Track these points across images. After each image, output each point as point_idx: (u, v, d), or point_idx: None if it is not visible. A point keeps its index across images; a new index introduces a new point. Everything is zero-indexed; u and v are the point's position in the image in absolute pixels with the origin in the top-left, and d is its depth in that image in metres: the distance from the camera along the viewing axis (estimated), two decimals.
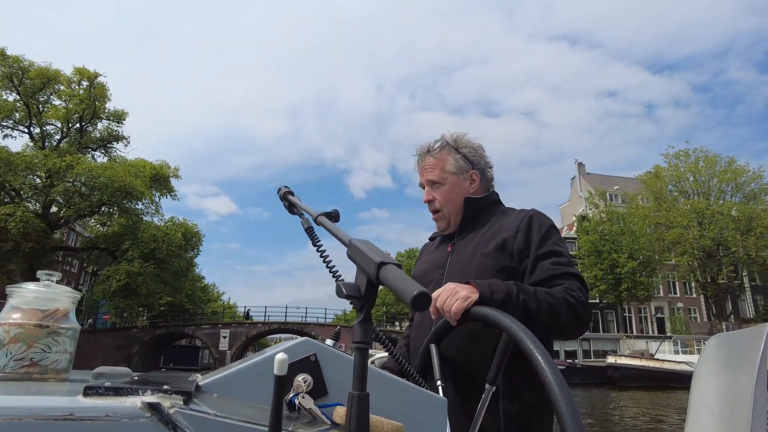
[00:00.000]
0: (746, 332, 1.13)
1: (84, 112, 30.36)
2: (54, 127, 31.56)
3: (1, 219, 23.83)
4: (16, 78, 28.32)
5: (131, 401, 0.61)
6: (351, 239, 0.70)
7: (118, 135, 31.52)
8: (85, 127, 31.61)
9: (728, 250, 36.22)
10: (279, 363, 0.57)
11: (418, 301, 0.53)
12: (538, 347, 0.80)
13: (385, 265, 0.59)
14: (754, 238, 34.70)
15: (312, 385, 0.78)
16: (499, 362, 1.06)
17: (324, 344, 0.84)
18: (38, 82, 29.00)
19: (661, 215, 37.73)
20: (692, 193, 39.31)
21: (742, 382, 1.03)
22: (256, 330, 32.87)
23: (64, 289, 0.90)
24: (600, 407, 19.31)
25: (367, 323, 0.60)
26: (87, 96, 30.54)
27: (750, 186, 37.80)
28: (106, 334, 30.93)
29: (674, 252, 37.65)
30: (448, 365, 1.33)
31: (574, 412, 0.67)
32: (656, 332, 43.10)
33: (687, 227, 35.94)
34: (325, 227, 0.91)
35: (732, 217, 35.38)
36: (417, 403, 0.89)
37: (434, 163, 1.59)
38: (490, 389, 1.07)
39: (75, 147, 30.45)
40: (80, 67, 30.49)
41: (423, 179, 1.62)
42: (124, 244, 27.28)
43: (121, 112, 31.75)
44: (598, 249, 37.18)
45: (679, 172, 39.73)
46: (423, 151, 1.63)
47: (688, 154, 39.91)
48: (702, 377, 1.24)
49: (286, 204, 1.13)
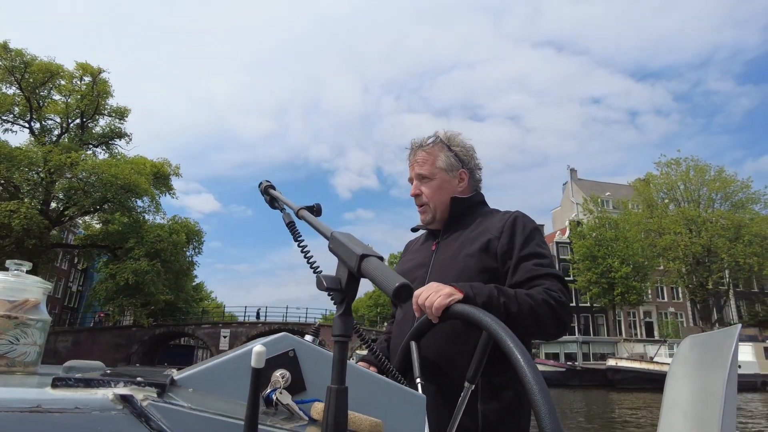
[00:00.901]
0: (718, 333, 1.14)
1: (86, 108, 30.03)
2: (53, 122, 31.19)
3: (5, 215, 23.47)
4: (18, 72, 27.90)
5: (102, 393, 0.59)
6: (333, 232, 0.70)
7: (120, 132, 31.21)
8: (87, 123, 31.27)
9: (717, 256, 37.32)
10: (257, 355, 0.57)
11: (400, 293, 0.53)
12: (517, 346, 0.81)
13: (367, 257, 0.59)
14: (743, 245, 35.84)
15: (290, 380, 0.78)
16: (478, 360, 1.06)
17: (303, 340, 0.84)
18: (40, 76, 28.60)
19: (653, 222, 38.71)
20: (682, 200, 40.43)
21: (714, 381, 1.05)
22: (257, 330, 32.82)
23: (34, 280, 0.86)
24: (601, 408, 19.84)
25: (347, 316, 0.61)
26: (89, 91, 30.20)
27: (738, 195, 39.05)
28: (105, 332, 30.59)
29: (665, 258, 38.64)
30: (428, 363, 1.34)
31: (551, 411, 0.68)
32: (644, 336, 44.14)
33: (679, 234, 36.94)
34: (306, 221, 0.90)
35: (721, 224, 36.48)
36: (396, 399, 0.89)
37: (425, 158, 1.59)
38: (469, 387, 1.07)
39: (76, 143, 30.11)
40: (83, 63, 30.16)
41: (413, 173, 1.61)
42: (128, 242, 27.04)
43: (123, 109, 31.44)
44: (592, 254, 37.99)
45: (670, 179, 40.80)
46: (416, 145, 1.63)
47: (679, 163, 41.03)
48: (675, 377, 1.25)
49: (267, 198, 1.11)
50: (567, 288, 1.35)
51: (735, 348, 1.02)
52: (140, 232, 27.81)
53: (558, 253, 48.54)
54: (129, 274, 25.36)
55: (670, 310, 46.42)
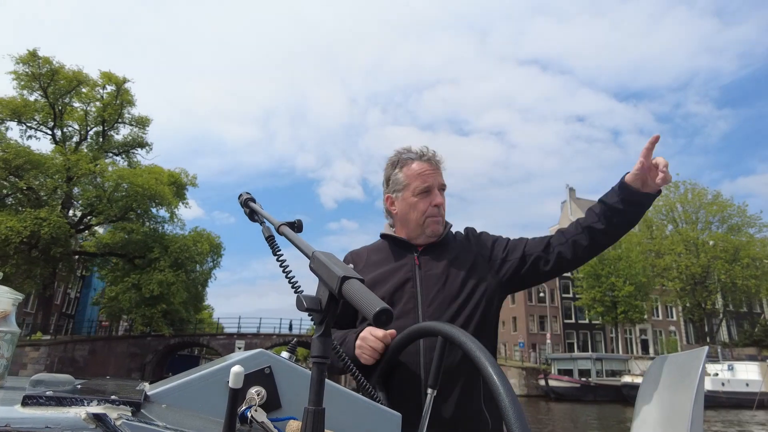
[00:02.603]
0: (687, 354, 1.17)
1: (108, 116, 30.13)
2: (72, 129, 31.19)
3: (35, 223, 23.46)
4: (45, 79, 27.97)
5: (75, 412, 0.57)
6: (314, 251, 0.70)
7: (142, 141, 31.34)
8: (107, 131, 31.34)
9: (715, 277, 38.75)
10: (234, 376, 0.57)
11: (380, 317, 0.54)
12: (479, 348, 0.81)
13: (348, 279, 0.60)
14: (740, 267, 37.33)
15: (265, 398, 0.77)
16: (436, 366, 1.06)
17: (279, 357, 0.84)
18: (66, 84, 28.70)
19: (654, 242, 40.05)
20: (680, 221, 41.97)
21: (682, 401, 1.07)
22: (271, 341, 32.94)
23: (4, 290, 0.84)
24: (616, 421, 20.65)
25: (326, 338, 0.61)
26: (111, 100, 30.34)
27: (734, 218, 40.71)
28: (120, 341, 30.41)
29: (666, 277, 39.94)
30: (397, 373, 1.34)
31: (517, 411, 0.68)
32: (640, 353, 45.34)
33: (680, 254, 38.29)
34: (287, 238, 0.88)
35: (720, 246, 37.95)
36: (371, 418, 0.89)
37: (441, 172, 1.58)
38: (432, 393, 1.07)
39: (95, 150, 30.16)
40: (107, 72, 30.32)
41: (436, 181, 1.55)
42: (152, 252, 27.10)
43: (145, 119, 31.60)
44: (596, 272, 39.09)
45: (669, 201, 42.34)
46: (436, 157, 1.59)
47: (677, 186, 42.65)
48: (645, 396, 1.27)
49: (246, 211, 1.09)
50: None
51: (702, 369, 1.04)
52: (163, 242, 27.88)
53: None
54: (155, 285, 25.43)
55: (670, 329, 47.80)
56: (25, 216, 23.60)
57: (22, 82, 28.22)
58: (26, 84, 28.35)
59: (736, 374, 27.36)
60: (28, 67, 27.81)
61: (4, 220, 22.79)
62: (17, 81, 28.13)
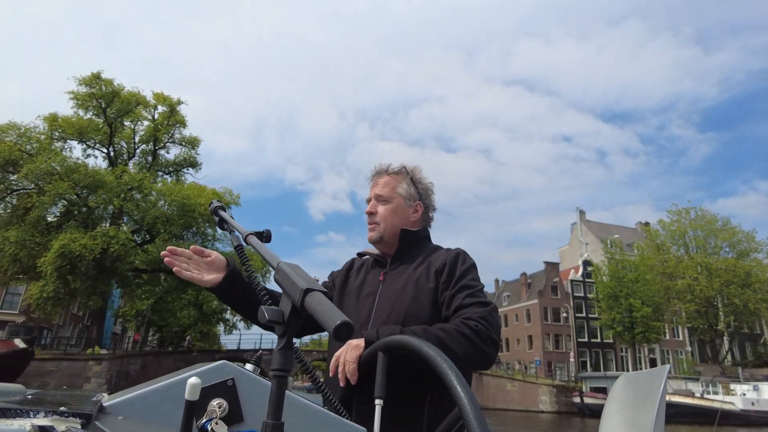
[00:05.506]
0: (649, 373, 1.19)
1: (161, 136, 31.09)
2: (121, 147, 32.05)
3: (105, 241, 24.26)
4: (105, 100, 28.88)
5: (19, 424, 0.53)
6: (279, 262, 0.69)
7: (194, 161, 32.30)
8: (158, 150, 32.27)
9: (728, 300, 40.72)
10: (191, 387, 0.57)
11: (340, 330, 0.54)
12: (438, 354, 0.82)
13: (311, 292, 0.60)
14: (752, 291, 39.37)
15: (227, 410, 0.76)
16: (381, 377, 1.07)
17: (243, 369, 0.83)
18: (124, 105, 29.64)
19: (669, 266, 41.98)
20: (691, 246, 44.05)
21: (644, 418, 1.08)
22: (311, 357, 33.83)
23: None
24: None
25: (287, 350, 0.60)
26: (163, 120, 31.33)
27: (743, 244, 42.89)
28: (168, 356, 31.08)
29: (680, 300, 41.81)
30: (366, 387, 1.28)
31: (477, 413, 0.67)
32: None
33: (695, 279, 40.24)
34: (254, 247, 0.87)
35: (733, 271, 39.99)
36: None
37: (387, 182, 1.65)
38: (380, 403, 1.06)
39: (145, 169, 31.05)
40: (159, 93, 31.34)
41: (372, 193, 1.65)
42: None
43: (195, 139, 32.58)
44: (615, 294, 40.78)
45: (681, 226, 44.44)
46: (381, 169, 1.69)
47: (688, 212, 44.89)
48: (610, 414, 1.27)
49: (216, 219, 1.10)
50: (495, 317, 1.35)
51: (664, 386, 1.05)
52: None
53: (572, 291, 51.37)
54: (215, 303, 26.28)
55: (677, 349, 49.66)
56: (96, 234, 24.41)
57: (79, 101, 29.13)
58: (82, 104, 29.25)
59: (761, 394, 28.97)
60: (89, 87, 28.75)
61: (77, 238, 23.57)
62: (75, 101, 29.04)
